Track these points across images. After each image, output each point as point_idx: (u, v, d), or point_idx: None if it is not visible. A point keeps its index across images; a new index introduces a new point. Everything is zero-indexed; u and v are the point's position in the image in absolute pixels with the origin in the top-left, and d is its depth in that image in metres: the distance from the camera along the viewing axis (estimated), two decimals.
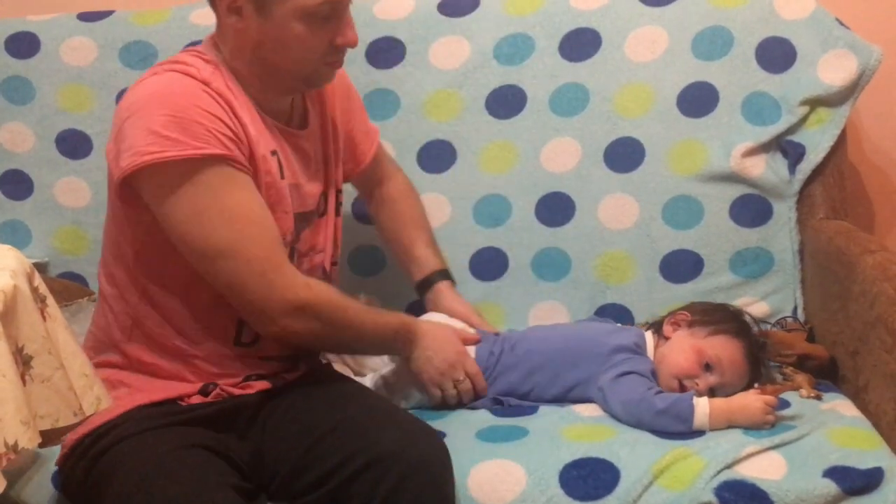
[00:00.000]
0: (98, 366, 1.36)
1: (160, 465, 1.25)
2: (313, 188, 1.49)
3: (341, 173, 1.58)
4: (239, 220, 1.32)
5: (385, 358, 1.59)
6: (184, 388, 1.39)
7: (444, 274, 1.70)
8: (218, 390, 1.39)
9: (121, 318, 1.42)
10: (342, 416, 1.34)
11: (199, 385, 1.39)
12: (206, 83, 1.34)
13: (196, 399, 1.38)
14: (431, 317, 1.64)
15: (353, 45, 1.41)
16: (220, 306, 1.38)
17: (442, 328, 1.55)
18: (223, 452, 1.31)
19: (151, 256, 1.38)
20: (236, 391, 1.40)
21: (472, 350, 1.58)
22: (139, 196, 1.34)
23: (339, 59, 1.43)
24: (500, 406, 1.54)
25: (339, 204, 1.57)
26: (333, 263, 1.55)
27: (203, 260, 1.33)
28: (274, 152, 1.40)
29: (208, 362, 1.40)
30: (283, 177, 1.41)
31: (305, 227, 1.48)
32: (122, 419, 1.33)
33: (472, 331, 1.62)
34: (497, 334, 1.65)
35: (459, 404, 1.53)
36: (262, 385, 1.41)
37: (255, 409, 1.40)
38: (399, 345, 1.50)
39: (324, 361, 1.57)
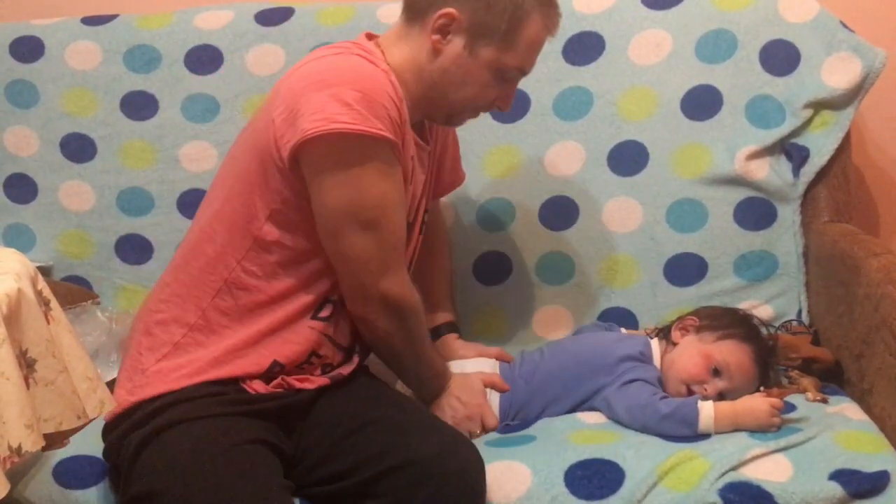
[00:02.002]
0: (166, 322, 1.41)
1: (221, 460, 1.26)
2: (420, 202, 1.54)
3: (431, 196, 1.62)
4: (392, 205, 1.39)
5: None
6: (250, 366, 1.40)
7: (453, 326, 1.72)
8: (280, 380, 1.40)
9: (212, 277, 1.42)
10: (383, 412, 1.38)
11: (265, 364, 1.40)
12: (387, 73, 1.38)
13: (259, 385, 1.39)
14: (462, 365, 1.62)
15: (505, 111, 1.51)
16: (319, 282, 1.42)
17: (469, 378, 1.57)
18: (280, 448, 1.33)
19: (279, 224, 1.39)
20: (297, 383, 1.41)
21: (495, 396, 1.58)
22: (293, 163, 1.35)
23: (481, 114, 1.50)
24: (506, 428, 1.54)
25: (424, 223, 1.60)
26: None
27: (345, 228, 1.36)
28: (412, 157, 1.45)
29: (280, 325, 1.41)
30: (411, 182, 1.46)
31: (410, 238, 1.51)
32: (188, 393, 1.35)
33: (497, 370, 1.62)
34: (511, 365, 1.64)
35: None
36: (322, 381, 1.43)
37: (308, 406, 1.41)
38: (433, 385, 1.53)
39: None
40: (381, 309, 1.41)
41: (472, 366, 1.61)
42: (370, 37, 1.48)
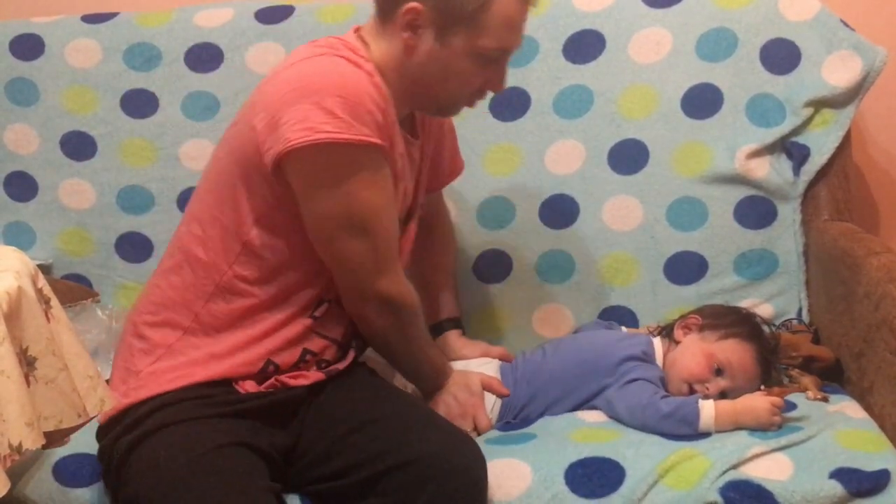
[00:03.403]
0: (159, 325, 1.40)
1: (203, 463, 1.26)
2: (408, 198, 1.53)
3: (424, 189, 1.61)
4: (382, 209, 1.38)
5: None
6: (243, 367, 1.39)
7: (456, 323, 1.72)
8: (273, 380, 1.40)
9: (204, 281, 1.41)
10: (384, 410, 1.37)
11: (258, 365, 1.40)
12: (370, 75, 1.37)
13: (251, 385, 1.39)
14: (478, 364, 1.63)
15: (499, 92, 1.46)
16: (311, 283, 1.41)
17: (469, 376, 1.56)
18: (265, 450, 1.32)
19: (267, 228, 1.39)
20: (290, 381, 1.41)
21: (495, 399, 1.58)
22: (277, 171, 1.34)
23: (478, 102, 1.48)
24: (507, 425, 1.54)
25: (413, 217, 1.58)
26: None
27: (337, 234, 1.36)
28: (401, 154, 1.44)
29: (274, 328, 1.41)
30: (401, 180, 1.45)
31: (402, 233, 1.51)
32: (178, 396, 1.34)
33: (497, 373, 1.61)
34: (513, 364, 1.63)
35: None
36: (317, 376, 1.43)
37: (303, 401, 1.41)
38: (432, 380, 1.53)
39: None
40: (378, 308, 1.41)
41: (474, 367, 1.61)
42: (357, 30, 1.46)
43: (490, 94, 1.47)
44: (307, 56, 1.38)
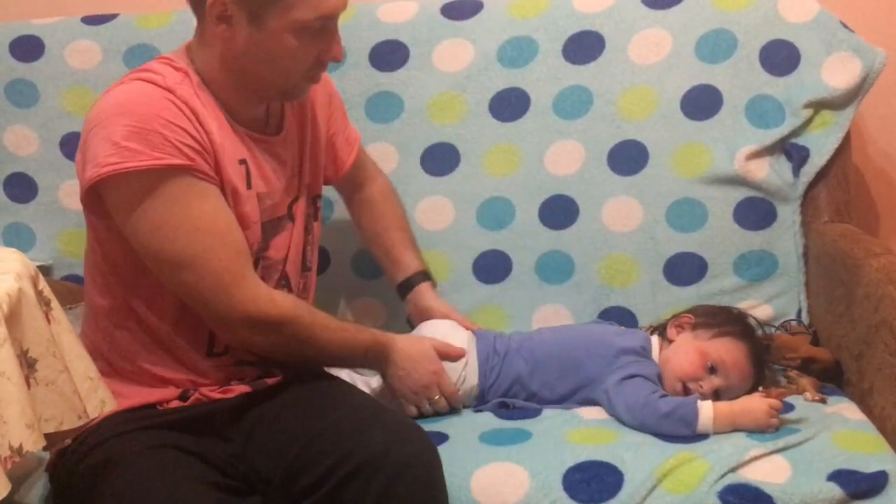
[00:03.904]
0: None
1: (136, 466, 1.27)
2: (286, 195, 1.49)
3: (321, 179, 1.58)
4: (200, 232, 1.32)
5: None
6: (163, 394, 1.40)
7: (425, 275, 1.71)
8: (197, 395, 1.40)
9: (102, 325, 1.43)
10: (328, 420, 1.33)
11: (178, 391, 1.40)
12: (171, 91, 1.33)
13: (175, 404, 1.39)
14: (435, 325, 1.64)
15: (339, 60, 1.41)
16: (191, 315, 1.38)
17: (419, 344, 1.54)
18: (197, 452, 1.32)
19: (122, 266, 1.39)
20: (216, 395, 1.40)
21: (472, 350, 1.58)
22: (89, 207, 1.36)
23: (320, 75, 1.43)
24: (505, 408, 1.54)
25: (317, 209, 1.57)
26: (307, 269, 1.54)
27: (165, 270, 1.34)
28: (242, 161, 1.40)
29: (185, 371, 1.41)
30: (250, 186, 1.40)
31: (276, 234, 1.47)
32: (101, 424, 1.33)
33: (461, 340, 1.59)
34: (499, 333, 1.64)
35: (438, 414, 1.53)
36: (243, 388, 1.41)
37: (237, 412, 1.39)
38: (371, 363, 1.50)
39: None
40: (251, 330, 1.36)
41: (445, 329, 1.61)
42: (189, 43, 1.44)
43: (354, 53, 1.43)
44: (111, 87, 1.37)
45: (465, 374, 1.56)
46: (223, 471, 1.32)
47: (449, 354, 1.55)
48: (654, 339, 1.59)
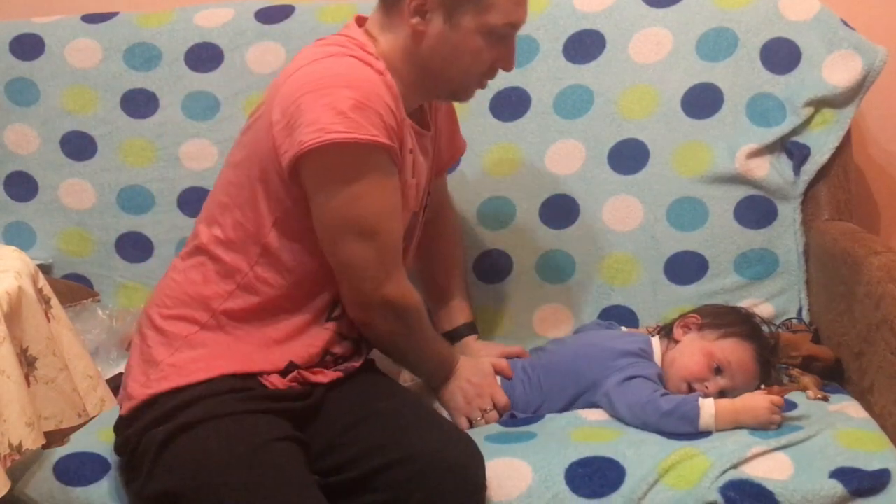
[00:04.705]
0: (176, 318, 1.41)
1: (253, 456, 1.27)
2: (425, 190, 1.54)
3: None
4: (388, 211, 1.39)
5: None
6: (266, 364, 1.40)
7: (472, 328, 1.72)
8: (296, 373, 1.41)
9: (223, 279, 1.42)
10: (383, 406, 1.38)
11: (281, 365, 1.40)
12: (381, 74, 1.37)
13: (276, 379, 1.39)
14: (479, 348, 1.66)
15: (510, 70, 1.46)
16: (328, 285, 1.42)
17: (478, 361, 1.58)
18: (304, 442, 1.33)
19: (284, 233, 1.40)
20: (311, 377, 1.42)
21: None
22: (293, 174, 1.35)
23: (489, 81, 1.48)
24: (511, 419, 1.54)
25: (426, 207, 1.60)
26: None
27: (342, 236, 1.37)
28: (411, 151, 1.44)
29: (295, 331, 1.42)
30: (413, 175, 1.45)
31: (415, 225, 1.53)
32: (207, 389, 1.34)
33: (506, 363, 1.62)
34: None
35: None
36: (335, 375, 1.44)
37: (321, 402, 1.41)
38: (440, 372, 1.54)
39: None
40: (382, 313, 1.42)
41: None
42: (360, 21, 1.46)
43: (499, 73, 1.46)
44: (320, 57, 1.38)
45: None
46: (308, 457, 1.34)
47: (502, 370, 1.58)
48: (655, 341, 1.59)
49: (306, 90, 1.33)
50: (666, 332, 1.61)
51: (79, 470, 1.41)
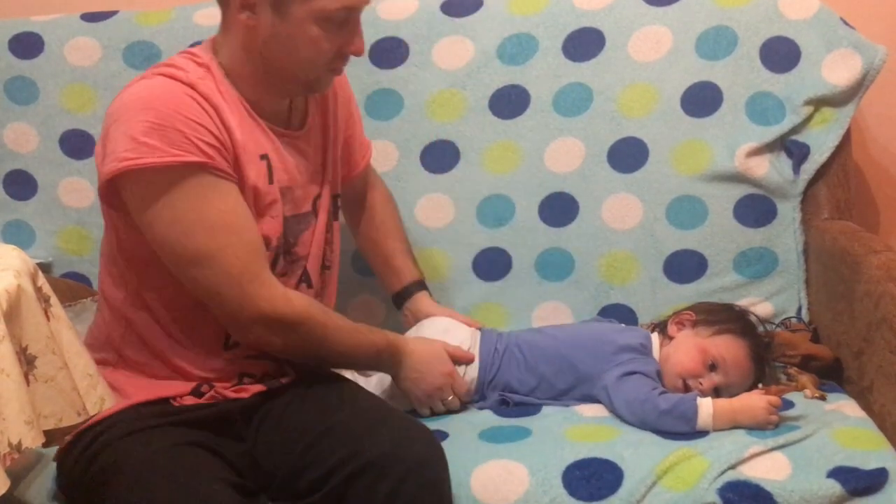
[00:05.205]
0: (97, 361, 1.34)
1: (154, 464, 1.26)
2: (311, 190, 1.49)
3: (339, 178, 1.58)
4: (216, 229, 1.32)
5: None
6: (177, 389, 1.39)
7: (422, 284, 1.71)
8: (212, 392, 1.39)
9: (116, 318, 1.43)
10: (337, 418, 1.34)
11: (191, 386, 1.40)
12: (192, 86, 1.33)
13: (189, 400, 1.39)
14: (435, 322, 1.64)
15: (360, 54, 1.41)
16: (206, 310, 1.38)
17: (431, 346, 1.54)
18: (217, 451, 1.32)
19: (139, 259, 1.38)
20: (231, 394, 1.40)
21: (476, 344, 1.59)
22: (108, 202, 1.36)
23: (342, 67, 1.43)
24: (505, 406, 1.54)
25: (337, 209, 1.57)
26: (326, 267, 1.54)
27: (180, 266, 1.34)
28: (264, 156, 1.39)
29: (199, 365, 1.40)
30: (272, 181, 1.40)
31: (304, 230, 1.47)
32: (116, 418, 1.34)
33: (462, 335, 1.61)
34: (500, 333, 1.65)
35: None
36: (258, 388, 1.41)
37: (250, 412, 1.40)
38: (384, 365, 1.50)
39: None
40: (267, 329, 1.36)
41: (446, 324, 1.62)
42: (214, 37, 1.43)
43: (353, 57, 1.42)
44: (134, 81, 1.37)
45: (467, 368, 1.57)
46: (239, 471, 1.32)
47: (459, 358, 1.56)
48: (655, 337, 1.60)
49: (111, 120, 1.32)
50: (660, 329, 1.61)
51: None
